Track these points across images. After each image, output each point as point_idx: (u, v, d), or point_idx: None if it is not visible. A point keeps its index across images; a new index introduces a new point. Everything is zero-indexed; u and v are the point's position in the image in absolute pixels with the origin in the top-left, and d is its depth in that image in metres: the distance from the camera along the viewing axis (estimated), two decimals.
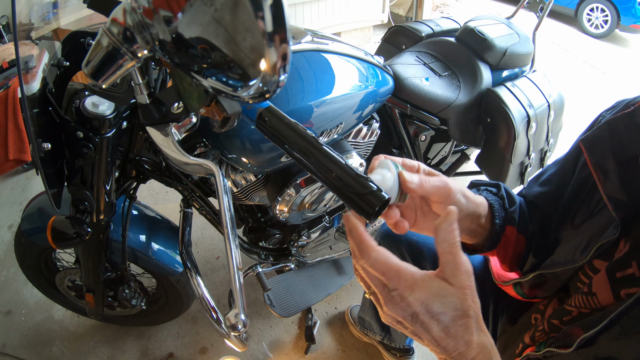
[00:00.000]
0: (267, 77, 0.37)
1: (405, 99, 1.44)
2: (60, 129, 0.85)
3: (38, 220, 1.28)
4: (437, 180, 0.57)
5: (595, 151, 0.59)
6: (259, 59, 0.36)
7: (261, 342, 1.61)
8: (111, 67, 0.41)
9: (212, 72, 0.39)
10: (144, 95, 0.55)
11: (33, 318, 1.75)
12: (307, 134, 0.50)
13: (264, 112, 0.51)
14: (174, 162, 0.54)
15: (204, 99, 0.53)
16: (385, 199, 0.46)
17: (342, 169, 0.47)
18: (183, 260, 1.16)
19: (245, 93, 0.39)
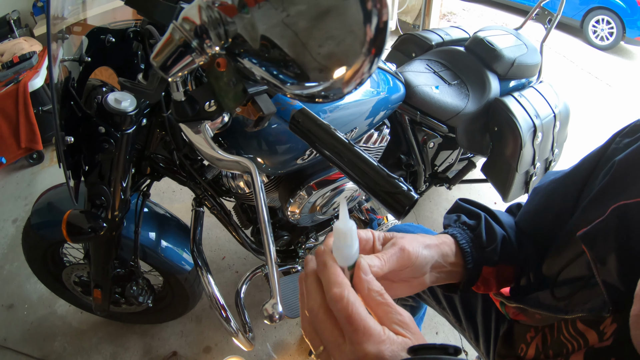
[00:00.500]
0: (336, 85, 0.39)
1: (415, 106, 1.46)
2: (81, 124, 0.85)
3: (48, 215, 1.29)
4: (393, 251, 0.51)
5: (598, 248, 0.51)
6: (336, 68, 0.37)
7: (265, 342, 1.62)
8: (180, 62, 0.43)
9: (265, 64, 0.40)
10: (180, 92, 0.57)
11: (35, 313, 1.75)
12: (339, 136, 0.51)
13: (297, 114, 0.53)
14: (206, 158, 0.55)
15: (240, 99, 0.55)
16: (415, 199, 0.48)
17: (373, 170, 0.48)
18: (194, 258, 1.17)
19: (296, 90, 0.40)
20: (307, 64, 0.37)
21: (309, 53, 0.36)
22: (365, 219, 1.44)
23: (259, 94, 0.56)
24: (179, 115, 0.59)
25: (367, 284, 0.43)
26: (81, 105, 0.84)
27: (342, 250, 0.42)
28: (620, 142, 0.57)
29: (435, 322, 1.72)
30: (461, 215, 0.69)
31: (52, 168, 2.53)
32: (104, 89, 0.99)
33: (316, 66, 0.37)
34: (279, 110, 0.56)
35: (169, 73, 0.44)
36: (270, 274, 0.40)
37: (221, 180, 1.20)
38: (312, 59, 0.36)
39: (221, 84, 0.57)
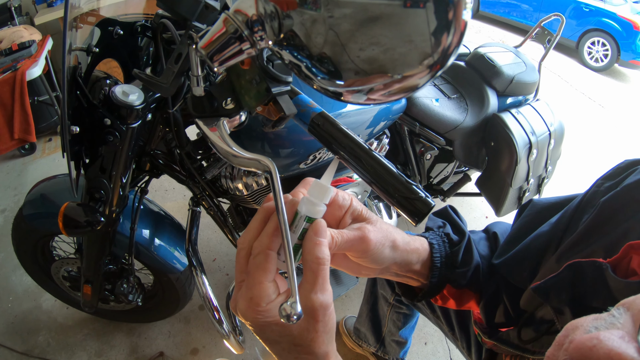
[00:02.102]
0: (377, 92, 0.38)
1: (415, 117, 1.48)
2: (86, 114, 0.85)
3: (41, 206, 1.27)
4: (353, 236, 0.49)
5: (552, 301, 0.52)
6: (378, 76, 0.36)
7: (254, 346, 1.61)
8: (231, 52, 0.42)
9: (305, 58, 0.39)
10: (201, 88, 0.57)
11: (20, 306, 1.71)
12: (359, 141, 0.52)
13: (317, 117, 0.53)
14: (222, 155, 0.55)
15: (263, 98, 0.55)
16: (432, 205, 0.48)
17: (392, 175, 0.49)
18: (189, 258, 1.16)
19: (324, 85, 0.39)
20: (343, 63, 0.36)
21: (347, 54, 0.35)
22: None
23: (281, 95, 0.56)
24: (196, 111, 0.59)
25: (315, 246, 0.42)
26: (88, 96, 0.84)
27: (311, 202, 0.43)
28: (602, 185, 0.57)
29: (424, 333, 1.73)
30: (447, 225, 0.69)
31: (43, 159, 2.50)
32: (107, 82, 0.98)
33: (352, 67, 0.36)
34: (298, 112, 0.56)
35: (216, 62, 0.43)
36: (289, 271, 0.40)
37: (219, 181, 1.20)
38: (349, 60, 0.36)
39: (242, 81, 0.57)
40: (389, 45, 0.34)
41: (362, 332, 1.45)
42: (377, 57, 0.35)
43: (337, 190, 0.51)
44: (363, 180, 0.53)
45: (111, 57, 0.98)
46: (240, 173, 1.13)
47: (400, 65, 0.35)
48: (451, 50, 0.33)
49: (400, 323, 1.32)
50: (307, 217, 0.43)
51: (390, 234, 0.54)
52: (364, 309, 1.40)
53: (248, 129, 0.93)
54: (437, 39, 0.33)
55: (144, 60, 1.04)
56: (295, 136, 0.98)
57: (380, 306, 1.31)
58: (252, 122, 0.72)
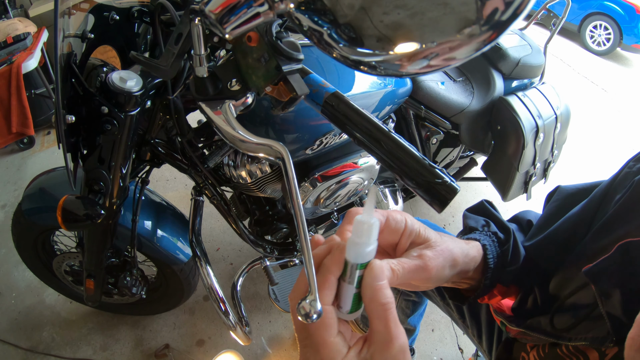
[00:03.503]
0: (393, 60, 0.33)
1: (420, 101, 1.44)
2: (83, 103, 0.81)
3: (40, 200, 1.24)
4: (414, 265, 0.46)
5: (602, 284, 0.51)
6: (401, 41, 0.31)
7: (260, 336, 1.59)
8: (246, 15, 0.37)
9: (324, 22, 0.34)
10: (204, 67, 0.53)
11: (23, 302, 1.70)
12: (376, 121, 0.49)
13: (331, 97, 0.50)
14: (228, 140, 0.52)
15: (272, 77, 0.51)
16: (458, 190, 0.45)
17: (413, 158, 0.46)
18: (193, 249, 1.13)
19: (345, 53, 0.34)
20: (365, 29, 0.31)
21: (370, 19, 0.32)
22: None
23: (291, 73, 0.52)
24: (200, 93, 0.56)
25: (376, 292, 0.39)
26: (84, 83, 0.80)
27: (357, 246, 0.37)
28: (634, 167, 0.56)
29: (431, 320, 1.72)
30: (491, 224, 0.66)
31: (43, 153, 2.47)
32: (104, 69, 0.95)
33: (375, 34, 0.31)
34: (310, 93, 0.52)
35: (227, 27, 0.39)
36: (307, 266, 0.37)
37: (222, 169, 1.17)
38: (372, 26, 0.31)
39: (250, 60, 0.53)
40: (417, 9, 0.29)
41: None
42: (404, 22, 0.30)
43: (389, 213, 0.47)
44: (381, 164, 0.50)
45: (107, 43, 0.95)
46: (244, 160, 1.10)
47: (431, 32, 0.30)
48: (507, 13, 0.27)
49: (409, 310, 1.31)
50: (359, 265, 0.38)
51: (450, 253, 0.51)
52: None
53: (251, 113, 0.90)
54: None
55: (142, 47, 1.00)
56: (301, 120, 0.95)
57: None
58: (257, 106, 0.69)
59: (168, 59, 0.58)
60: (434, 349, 1.62)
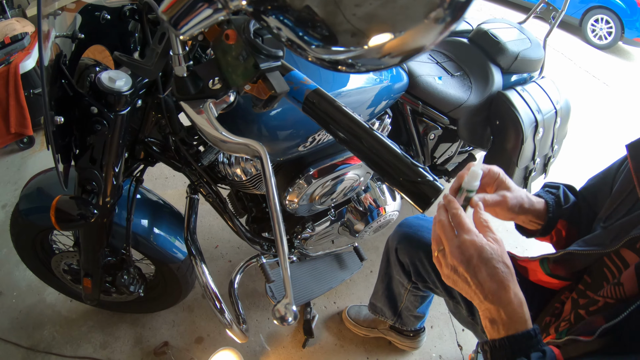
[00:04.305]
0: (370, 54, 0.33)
1: (417, 96, 1.43)
2: (72, 103, 0.81)
3: (37, 200, 1.24)
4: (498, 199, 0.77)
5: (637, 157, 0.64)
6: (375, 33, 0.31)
7: (259, 334, 1.60)
8: (198, 16, 0.37)
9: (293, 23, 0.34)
10: (183, 67, 0.52)
11: (24, 301, 1.70)
12: (358, 119, 0.48)
13: (312, 94, 0.49)
14: (210, 140, 0.51)
15: (251, 75, 0.50)
16: (441, 189, 0.45)
17: (396, 156, 0.46)
18: (188, 247, 1.13)
19: (320, 54, 0.35)
20: (338, 25, 0.31)
21: (342, 12, 0.31)
22: (364, 210, 1.41)
23: (270, 71, 0.52)
24: (180, 93, 0.55)
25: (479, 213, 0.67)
26: (73, 84, 0.80)
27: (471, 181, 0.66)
28: None
29: (430, 316, 1.71)
30: (545, 185, 0.92)
31: (42, 152, 2.47)
32: (97, 69, 0.94)
33: (348, 28, 0.31)
34: (291, 90, 0.51)
35: (181, 29, 0.39)
36: (282, 270, 0.37)
37: (217, 167, 1.17)
38: (345, 20, 0.30)
39: (229, 58, 0.52)
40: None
41: (379, 307, 1.46)
42: (376, 12, 0.30)
43: (490, 168, 0.79)
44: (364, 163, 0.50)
45: (99, 43, 0.94)
46: (239, 158, 1.10)
47: (402, 20, 0.30)
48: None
49: (417, 303, 1.35)
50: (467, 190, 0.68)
51: (521, 198, 0.80)
52: (379, 287, 1.41)
53: (244, 111, 0.90)
54: None
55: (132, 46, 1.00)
56: (293, 117, 0.94)
57: (395, 285, 1.33)
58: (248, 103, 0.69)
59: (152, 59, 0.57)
60: (432, 345, 1.62)
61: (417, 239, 1.12)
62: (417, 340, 1.55)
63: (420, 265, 1.12)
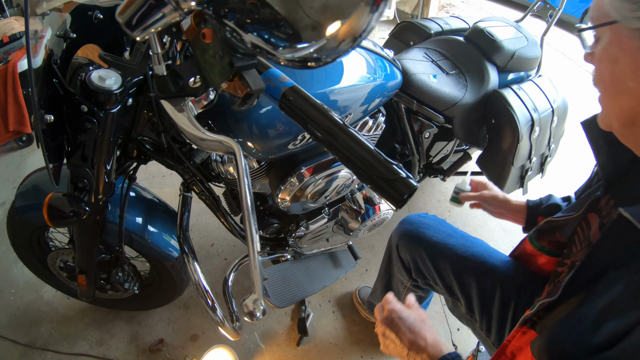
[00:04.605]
0: (329, 45, 0.35)
1: (412, 94, 1.43)
2: (63, 102, 0.82)
3: (33, 198, 1.25)
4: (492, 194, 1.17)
5: (591, 131, 0.76)
6: (329, 23, 0.34)
7: (253, 332, 1.60)
8: (151, 17, 0.38)
9: (255, 27, 0.36)
10: (162, 66, 0.53)
11: (22, 298, 1.72)
12: (333, 116, 0.48)
13: (289, 91, 0.50)
14: (189, 138, 0.52)
15: (227, 73, 0.51)
16: (415, 187, 0.45)
17: (370, 154, 0.46)
18: (180, 245, 1.14)
19: (288, 55, 0.37)
20: (299, 21, 0.33)
21: (301, 8, 0.32)
22: (358, 208, 1.41)
23: (247, 69, 0.52)
24: (161, 91, 0.56)
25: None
26: (63, 83, 0.81)
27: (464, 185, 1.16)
28: None
29: None
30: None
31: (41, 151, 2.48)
32: (90, 68, 0.95)
33: (309, 23, 0.33)
34: (268, 87, 0.52)
35: (136, 31, 0.40)
36: (252, 266, 0.38)
37: (210, 165, 1.17)
38: (305, 15, 0.33)
39: (207, 57, 0.53)
40: None
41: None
42: (327, 3, 0.33)
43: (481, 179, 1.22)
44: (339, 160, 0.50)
45: (93, 42, 0.95)
46: (230, 156, 1.10)
47: (346, 7, 0.34)
48: None
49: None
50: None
51: (507, 198, 1.14)
52: (378, 285, 1.43)
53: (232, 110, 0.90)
54: None
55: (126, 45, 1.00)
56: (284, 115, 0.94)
57: (395, 283, 1.35)
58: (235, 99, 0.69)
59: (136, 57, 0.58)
60: None
61: (418, 236, 1.14)
62: None
63: (421, 262, 1.14)
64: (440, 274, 1.10)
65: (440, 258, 1.09)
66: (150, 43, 0.51)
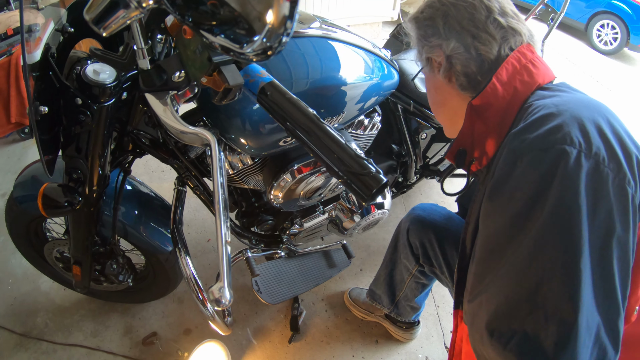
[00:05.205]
0: (272, 31, 0.37)
1: (409, 95, 1.44)
2: (59, 95, 0.83)
3: (31, 188, 1.27)
4: None
5: None
6: (266, 10, 0.36)
7: (246, 328, 1.61)
8: (115, 14, 0.41)
9: (220, 28, 0.38)
10: (146, 60, 0.55)
11: (19, 288, 1.74)
12: (309, 111, 0.49)
13: (267, 86, 0.51)
14: (170, 131, 0.54)
15: (206, 68, 0.53)
16: (384, 182, 0.46)
17: (341, 148, 0.47)
18: (173, 238, 1.15)
19: (250, 49, 0.39)
20: (250, 13, 0.36)
21: (248, 1, 0.34)
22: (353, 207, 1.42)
23: (225, 64, 0.54)
24: (146, 85, 0.58)
25: None
26: (59, 75, 0.82)
27: None
28: None
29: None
30: None
31: None
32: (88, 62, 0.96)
33: (256, 15, 0.36)
34: (247, 83, 0.53)
35: (102, 28, 0.42)
36: (220, 254, 0.39)
37: (205, 160, 1.18)
38: (252, 8, 0.35)
39: (188, 52, 0.55)
40: None
41: (378, 294, 1.51)
42: None
43: None
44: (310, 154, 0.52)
45: (91, 37, 0.97)
46: (226, 152, 1.11)
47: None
48: None
49: (417, 292, 1.40)
50: None
51: None
52: (382, 273, 1.46)
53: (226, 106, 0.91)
54: None
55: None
56: None
57: (398, 272, 1.38)
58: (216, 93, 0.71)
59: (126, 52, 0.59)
60: (419, 346, 1.63)
61: (429, 222, 1.19)
62: (410, 332, 1.58)
63: (430, 247, 1.18)
64: (447, 260, 1.14)
65: (448, 244, 1.13)
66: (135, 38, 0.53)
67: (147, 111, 1.00)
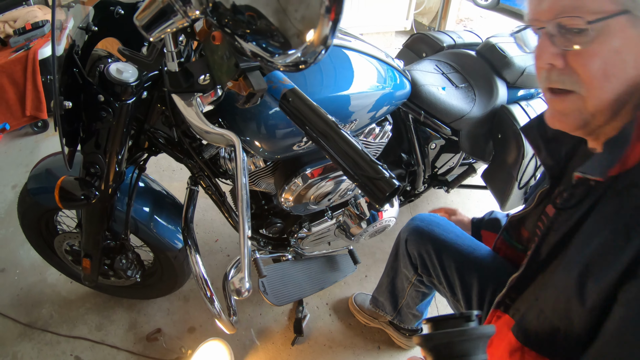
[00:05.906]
0: (310, 49, 0.39)
1: (420, 105, 1.45)
2: (81, 91, 0.86)
3: (45, 181, 1.29)
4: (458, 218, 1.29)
5: (531, 134, 0.84)
6: (307, 30, 0.38)
7: (250, 328, 1.62)
8: (163, 22, 0.43)
9: (254, 37, 0.40)
10: (175, 63, 0.57)
11: (26, 279, 1.76)
12: (328, 117, 0.51)
13: (289, 92, 0.53)
14: (195, 130, 0.56)
15: (232, 73, 0.55)
16: (397, 186, 0.48)
17: (357, 153, 0.49)
18: (184, 237, 1.17)
19: (282, 61, 0.41)
20: (288, 30, 0.38)
21: (289, 19, 0.37)
22: (360, 214, 1.43)
23: (251, 70, 0.56)
24: (172, 86, 0.60)
25: None
26: (83, 72, 0.85)
27: None
28: None
29: None
30: None
31: (55, 137, 2.54)
32: (109, 60, 0.99)
33: (295, 32, 0.38)
34: (270, 89, 0.56)
35: (151, 33, 0.45)
36: (241, 249, 0.41)
37: (219, 161, 1.20)
38: (292, 25, 0.37)
39: (215, 57, 0.57)
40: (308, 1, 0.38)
41: (380, 302, 1.52)
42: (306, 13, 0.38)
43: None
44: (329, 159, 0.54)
45: (112, 36, 0.99)
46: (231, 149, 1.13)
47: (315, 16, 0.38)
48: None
49: (418, 300, 1.40)
50: None
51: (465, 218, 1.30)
52: (384, 280, 1.47)
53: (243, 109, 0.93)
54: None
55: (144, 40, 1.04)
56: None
57: (399, 280, 1.38)
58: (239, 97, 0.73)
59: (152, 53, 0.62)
60: (417, 350, 1.63)
61: (428, 233, 1.18)
62: (413, 339, 1.58)
63: (427, 258, 1.18)
64: (445, 271, 1.14)
65: (446, 256, 1.13)
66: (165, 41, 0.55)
67: (165, 111, 1.02)
